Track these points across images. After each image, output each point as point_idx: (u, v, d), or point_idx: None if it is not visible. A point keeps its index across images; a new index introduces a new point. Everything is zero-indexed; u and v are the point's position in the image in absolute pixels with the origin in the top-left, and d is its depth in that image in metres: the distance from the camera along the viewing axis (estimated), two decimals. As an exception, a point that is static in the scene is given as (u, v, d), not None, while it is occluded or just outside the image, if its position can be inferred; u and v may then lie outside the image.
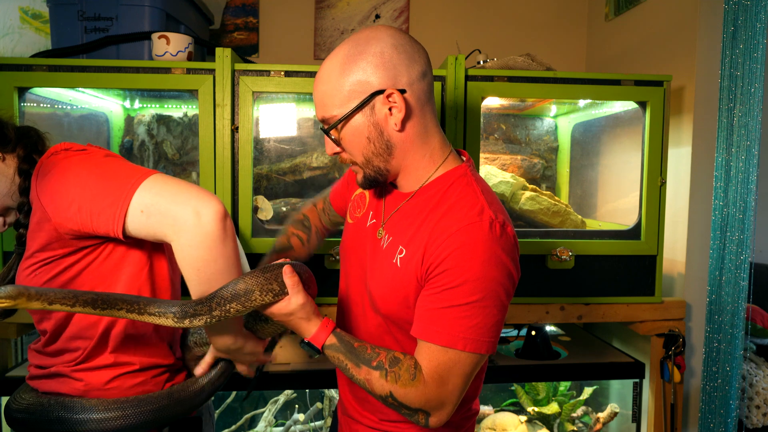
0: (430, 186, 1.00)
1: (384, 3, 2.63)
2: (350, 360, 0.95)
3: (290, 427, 2.13)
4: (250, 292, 0.93)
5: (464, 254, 0.89)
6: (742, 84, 1.80)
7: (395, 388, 0.92)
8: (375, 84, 0.94)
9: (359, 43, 0.95)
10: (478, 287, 0.89)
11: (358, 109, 0.95)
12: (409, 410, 0.93)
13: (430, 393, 0.91)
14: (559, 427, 2.10)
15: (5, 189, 1.09)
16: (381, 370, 0.93)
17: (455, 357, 0.90)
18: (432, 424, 0.94)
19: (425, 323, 0.92)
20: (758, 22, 1.75)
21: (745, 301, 1.86)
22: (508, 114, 2.24)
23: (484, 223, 0.91)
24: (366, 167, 1.00)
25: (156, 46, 1.75)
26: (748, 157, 1.81)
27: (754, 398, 2.04)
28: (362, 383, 0.95)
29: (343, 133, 0.98)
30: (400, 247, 0.99)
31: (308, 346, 0.98)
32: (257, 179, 1.94)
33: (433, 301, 0.92)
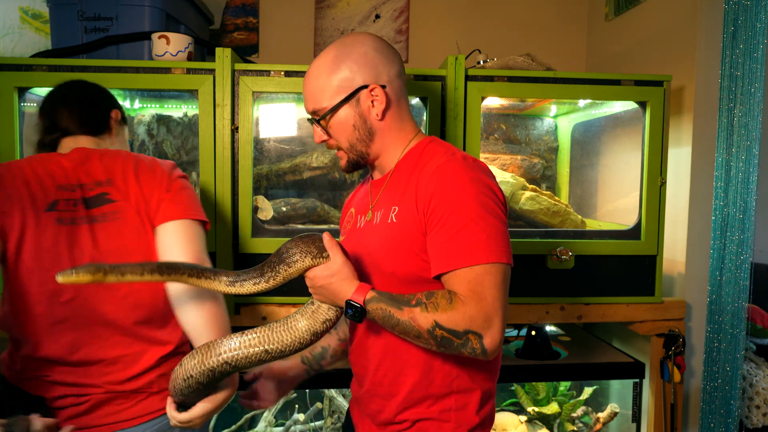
0: (405, 158, 1.14)
1: (384, 3, 2.63)
2: (392, 306, 0.99)
3: (290, 427, 2.13)
4: (292, 254, 1.02)
5: (448, 183, 1.02)
6: (742, 84, 1.80)
7: (437, 315, 0.96)
8: (360, 80, 1.10)
9: (346, 45, 1.11)
10: (471, 207, 1.00)
11: (345, 101, 1.10)
12: (459, 338, 0.96)
13: (472, 310, 0.95)
14: (559, 427, 2.10)
15: None
16: (420, 305, 0.98)
17: (482, 271, 0.97)
18: (488, 346, 0.96)
19: (443, 256, 1.00)
20: (758, 22, 1.75)
21: (746, 301, 1.86)
22: (508, 114, 2.24)
23: (457, 157, 1.06)
24: (350, 152, 1.15)
25: (156, 46, 1.75)
26: (748, 157, 1.81)
27: (754, 398, 2.04)
28: (407, 324, 0.98)
29: (332, 122, 1.13)
30: (393, 207, 1.10)
31: (350, 308, 1.00)
32: (257, 179, 1.94)
33: (440, 233, 1.01)
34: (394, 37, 2.65)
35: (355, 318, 1.00)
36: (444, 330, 0.96)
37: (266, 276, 1.04)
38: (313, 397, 2.19)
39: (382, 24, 2.64)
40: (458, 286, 0.98)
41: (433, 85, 1.74)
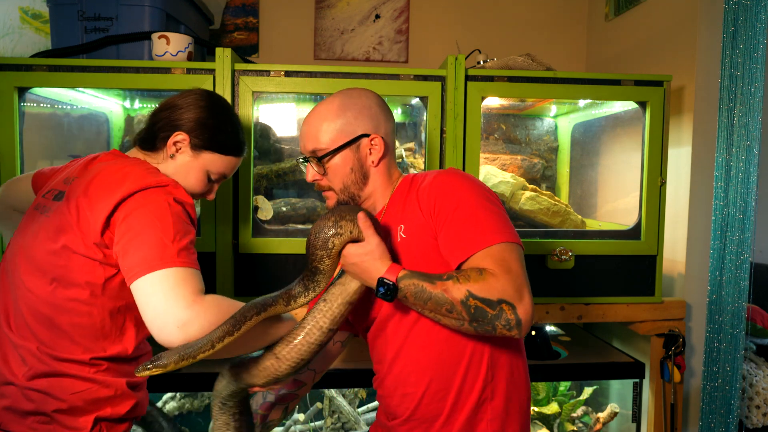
0: (396, 192, 1.23)
1: (384, 3, 2.63)
2: (424, 281, 1.02)
3: (290, 427, 2.13)
4: (327, 240, 1.05)
5: (448, 185, 1.11)
6: (742, 84, 1.80)
7: (470, 285, 0.99)
8: (361, 129, 1.19)
9: (351, 96, 1.21)
10: (475, 198, 1.09)
11: (347, 145, 1.18)
12: (492, 308, 0.98)
13: (502, 279, 0.99)
14: (559, 427, 2.10)
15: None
16: (452, 278, 1.00)
17: (501, 248, 1.03)
18: (522, 316, 0.98)
19: (460, 244, 1.05)
20: (758, 22, 1.75)
21: (746, 301, 1.86)
22: (508, 114, 2.24)
23: (450, 169, 1.19)
24: (342, 192, 1.21)
25: (156, 46, 1.75)
26: (748, 157, 1.81)
27: (754, 398, 2.04)
28: (440, 296, 1.00)
29: (331, 163, 1.19)
30: (399, 225, 1.16)
31: (382, 286, 1.02)
32: (257, 179, 1.94)
33: (452, 226, 1.07)
34: (394, 37, 2.65)
35: (387, 296, 1.02)
36: (477, 299, 0.98)
37: (312, 285, 1.09)
38: (313, 397, 2.19)
39: (382, 24, 2.64)
40: (483, 263, 1.01)
41: (433, 85, 1.74)
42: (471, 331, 1.01)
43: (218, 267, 1.70)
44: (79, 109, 2.02)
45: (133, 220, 1.07)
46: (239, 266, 1.72)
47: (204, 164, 1.26)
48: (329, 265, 1.07)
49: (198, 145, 1.24)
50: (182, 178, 1.24)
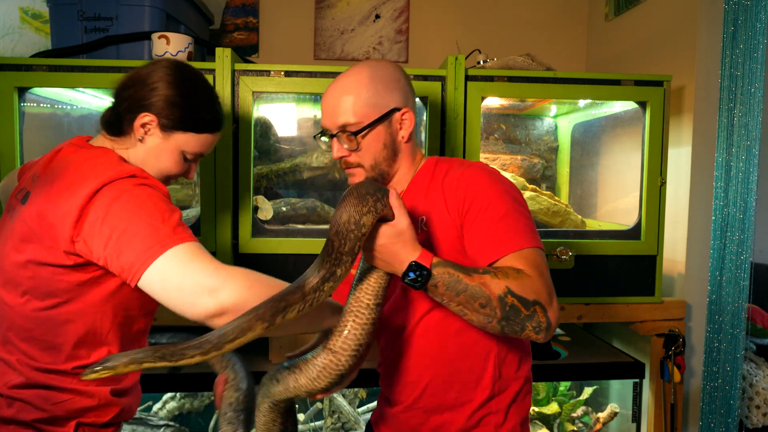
0: (417, 177, 1.19)
1: (384, 3, 2.63)
2: (460, 271, 0.97)
3: (290, 427, 2.13)
4: (358, 210, 0.93)
5: (479, 182, 1.08)
6: (742, 84, 1.80)
7: (509, 281, 0.96)
8: (393, 103, 1.15)
9: (379, 68, 1.16)
10: (506, 199, 1.06)
11: (381, 120, 1.13)
12: (527, 308, 0.96)
13: (537, 281, 0.98)
14: (559, 427, 2.10)
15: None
16: (489, 273, 0.97)
17: (531, 253, 1.02)
18: (552, 320, 0.98)
19: (492, 243, 1.03)
20: (758, 22, 1.75)
21: (746, 301, 1.86)
22: (508, 114, 2.24)
23: (477, 163, 1.15)
24: (372, 170, 1.16)
25: (156, 46, 1.75)
26: (748, 157, 1.81)
27: (754, 398, 2.04)
28: (477, 289, 0.96)
29: (363, 140, 1.14)
30: (420, 218, 1.13)
31: (416, 270, 0.96)
32: (257, 179, 1.94)
33: (482, 225, 1.04)
34: (394, 37, 2.65)
35: (416, 282, 0.96)
36: (515, 297, 0.95)
37: (341, 258, 0.93)
38: (313, 397, 2.19)
39: (382, 24, 2.64)
40: (517, 265, 0.99)
41: (433, 85, 1.74)
42: (496, 329, 0.98)
43: (218, 267, 1.70)
44: (79, 109, 2.02)
45: (112, 218, 0.98)
46: (239, 266, 1.72)
47: (177, 145, 1.16)
48: (358, 247, 0.94)
49: (168, 125, 1.13)
50: (154, 162, 1.15)
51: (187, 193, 2.02)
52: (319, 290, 0.92)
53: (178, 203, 2.01)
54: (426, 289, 0.98)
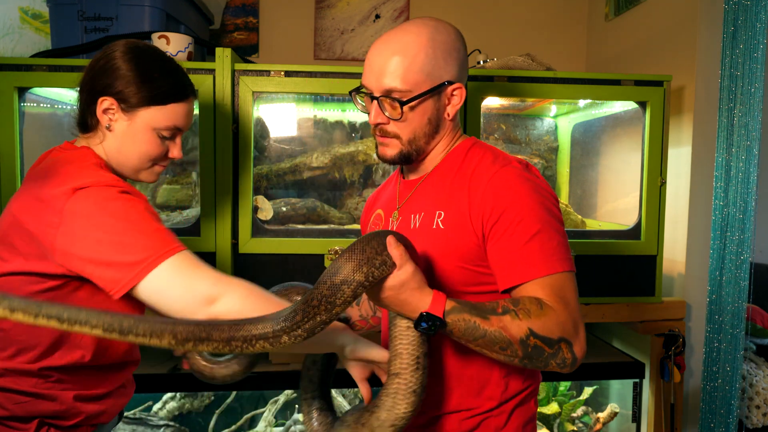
0: (445, 160, 1.09)
1: (384, 3, 2.63)
2: (477, 316, 0.90)
3: (290, 427, 2.13)
4: (343, 271, 0.85)
5: (511, 192, 0.97)
6: (742, 84, 1.80)
7: (531, 322, 0.89)
8: (447, 75, 1.03)
9: (441, 32, 1.03)
10: (539, 214, 0.96)
11: (432, 91, 1.02)
12: (551, 346, 0.90)
13: (562, 316, 0.91)
14: (559, 427, 2.10)
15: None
16: (509, 312, 0.90)
17: (560, 279, 0.94)
18: (578, 354, 0.92)
19: (519, 265, 0.94)
20: (758, 22, 1.75)
21: (746, 301, 1.86)
22: (508, 114, 2.24)
23: (512, 165, 1.02)
24: (409, 144, 1.06)
25: (156, 46, 1.75)
26: (748, 157, 1.81)
27: (754, 398, 2.04)
28: (496, 335, 0.90)
29: (408, 110, 1.02)
30: (438, 212, 1.03)
31: (428, 320, 0.89)
32: (257, 179, 1.94)
33: (510, 243, 0.95)
34: (394, 37, 2.65)
35: (430, 331, 0.89)
36: (538, 338, 0.89)
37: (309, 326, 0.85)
38: (313, 397, 2.19)
39: (382, 24, 2.64)
40: (541, 293, 0.92)
41: (433, 85, 1.73)
42: (518, 366, 0.94)
43: (218, 267, 1.69)
44: (79, 109, 2.02)
45: (95, 228, 0.95)
46: (239, 266, 1.72)
47: (146, 123, 1.09)
48: (345, 309, 0.87)
49: (129, 105, 1.07)
50: (131, 147, 1.09)
51: (187, 193, 2.02)
52: (268, 339, 0.84)
53: (178, 203, 2.01)
54: (442, 334, 0.93)
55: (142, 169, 1.14)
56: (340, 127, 2.08)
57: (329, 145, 2.03)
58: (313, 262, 1.72)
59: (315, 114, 2.06)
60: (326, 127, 2.07)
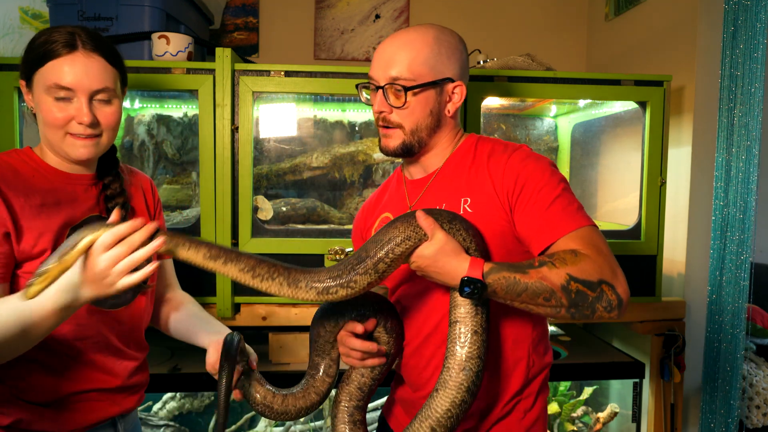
0: (454, 156, 1.14)
1: (384, 3, 2.63)
2: (515, 272, 0.94)
3: (290, 427, 2.13)
4: (390, 239, 0.94)
5: (530, 165, 1.05)
6: (742, 84, 1.80)
7: (569, 268, 0.93)
8: (450, 72, 1.10)
9: (445, 34, 1.11)
10: (556, 182, 1.04)
11: (434, 84, 1.09)
12: (593, 290, 0.93)
13: (597, 259, 0.95)
14: (559, 427, 2.10)
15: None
16: (545, 264, 0.94)
17: (587, 231, 1.00)
18: (622, 295, 0.95)
19: (547, 226, 1.01)
20: (758, 22, 1.75)
21: (746, 301, 1.86)
22: (508, 114, 2.24)
23: (523, 148, 1.11)
24: (411, 134, 1.11)
25: (156, 46, 1.75)
26: (748, 157, 1.81)
27: (754, 398, 2.04)
28: (537, 286, 0.93)
29: (414, 99, 1.08)
30: (463, 198, 1.09)
31: (469, 284, 0.93)
32: (257, 179, 1.94)
33: (535, 208, 1.02)
34: (394, 37, 2.65)
35: (473, 295, 0.92)
36: (579, 282, 0.93)
37: (362, 270, 0.94)
38: (313, 397, 2.19)
39: (382, 24, 2.64)
40: (573, 245, 0.97)
41: (433, 85, 1.73)
42: (566, 317, 0.96)
43: (218, 267, 1.70)
44: (79, 109, 2.02)
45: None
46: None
47: (38, 91, 1.06)
48: (384, 269, 0.95)
49: (26, 77, 1.07)
50: (41, 122, 1.08)
51: (187, 193, 2.02)
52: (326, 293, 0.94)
53: (178, 203, 2.02)
54: (487, 297, 0.96)
55: (59, 141, 1.07)
56: (340, 127, 2.08)
57: (329, 145, 2.03)
58: (313, 262, 1.72)
59: (315, 114, 2.06)
60: (326, 127, 2.07)
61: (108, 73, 1.09)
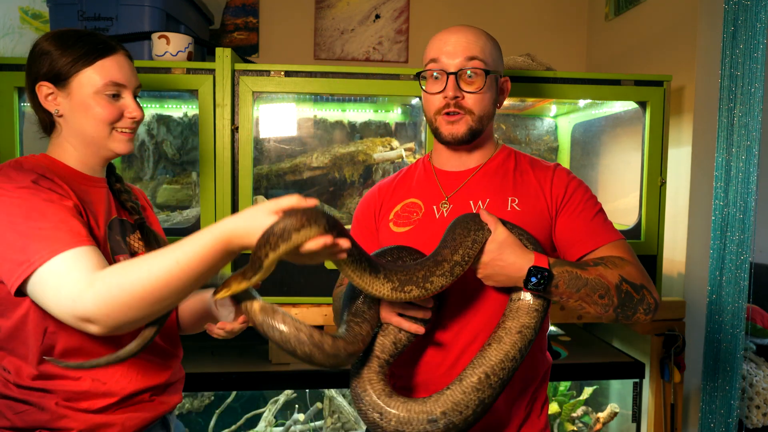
0: (498, 155, 1.21)
1: (384, 3, 2.63)
2: (576, 267, 1.01)
3: (290, 427, 2.13)
4: (466, 237, 1.00)
5: (574, 180, 1.15)
6: (742, 84, 1.80)
7: (620, 270, 1.02)
8: (501, 69, 1.19)
9: (491, 38, 1.18)
10: (594, 199, 1.15)
11: (500, 75, 1.17)
12: (638, 292, 1.02)
13: (638, 267, 1.05)
14: (559, 427, 2.10)
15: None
16: (600, 264, 1.03)
17: (624, 244, 1.10)
18: (657, 300, 1.05)
19: (593, 233, 1.10)
20: (758, 22, 1.75)
21: (746, 301, 1.86)
22: (508, 114, 2.24)
23: (561, 164, 1.21)
24: (479, 120, 1.15)
25: (156, 46, 1.75)
26: (748, 157, 1.81)
27: (754, 398, 2.04)
28: (596, 282, 1.00)
29: (488, 84, 1.13)
30: (510, 197, 1.15)
31: (536, 274, 0.98)
32: (257, 179, 1.94)
33: (581, 216, 1.11)
34: (394, 37, 2.65)
35: (539, 286, 0.98)
36: (628, 284, 1.01)
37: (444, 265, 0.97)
38: (313, 397, 2.19)
39: (382, 24, 2.64)
40: (616, 253, 1.07)
41: (433, 85, 1.73)
42: (611, 317, 1.02)
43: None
44: (79, 109, 2.02)
45: None
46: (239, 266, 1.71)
47: (84, 90, 1.06)
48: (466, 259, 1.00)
49: (61, 78, 1.05)
50: (83, 122, 1.07)
51: (187, 193, 2.02)
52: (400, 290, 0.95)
53: (178, 203, 2.01)
54: (546, 292, 1.00)
55: (104, 138, 1.09)
56: (340, 127, 2.08)
57: (329, 145, 2.03)
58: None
59: (315, 114, 2.06)
60: (326, 127, 2.07)
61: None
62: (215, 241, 0.89)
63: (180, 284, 0.88)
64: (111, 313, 0.86)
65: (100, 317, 0.86)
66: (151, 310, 0.89)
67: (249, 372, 1.75)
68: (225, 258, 0.92)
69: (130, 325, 0.90)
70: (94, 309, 0.86)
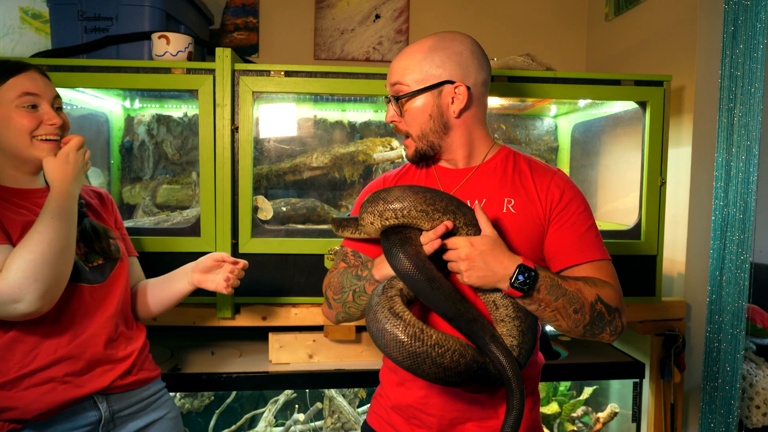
0: (492, 160, 1.19)
1: (384, 3, 2.63)
2: (557, 277, 1.04)
3: (290, 427, 2.13)
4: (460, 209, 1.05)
5: (571, 189, 1.15)
6: (742, 84, 1.80)
7: (598, 290, 1.05)
8: (447, 75, 1.13)
9: (444, 40, 1.15)
10: (588, 211, 1.15)
11: (427, 89, 1.13)
12: (610, 314, 1.05)
13: (617, 291, 1.08)
14: (559, 427, 2.10)
15: None
16: (581, 281, 1.05)
17: (609, 266, 1.12)
18: (625, 324, 1.08)
19: (580, 248, 1.11)
20: (758, 22, 1.75)
21: (746, 301, 1.86)
22: (508, 114, 2.24)
23: (561, 171, 1.20)
24: (420, 140, 1.16)
25: (156, 46, 1.75)
26: (748, 157, 1.81)
27: (754, 398, 2.04)
28: (574, 295, 1.03)
29: (410, 106, 1.14)
30: (506, 198, 1.15)
31: (524, 272, 1.00)
32: (257, 179, 1.94)
33: (573, 228, 1.12)
34: (394, 37, 2.65)
35: (524, 285, 0.99)
36: (603, 304, 1.04)
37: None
38: (313, 397, 2.19)
39: (382, 24, 2.64)
40: (598, 273, 1.09)
41: (433, 85, 1.73)
42: (578, 333, 1.05)
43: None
44: (79, 109, 2.02)
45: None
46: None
47: (3, 107, 1.17)
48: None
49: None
50: (8, 137, 1.17)
51: (187, 193, 2.02)
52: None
53: (178, 203, 2.02)
54: (529, 295, 1.01)
55: (27, 147, 1.19)
56: (340, 127, 2.08)
57: (329, 145, 2.03)
58: (313, 262, 1.73)
59: (315, 114, 2.06)
60: (326, 127, 2.07)
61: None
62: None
63: (61, 239, 1.11)
64: (30, 284, 1.05)
65: (23, 293, 1.05)
66: (57, 269, 1.09)
67: (249, 372, 1.76)
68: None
69: (51, 291, 1.08)
70: (16, 287, 1.04)
